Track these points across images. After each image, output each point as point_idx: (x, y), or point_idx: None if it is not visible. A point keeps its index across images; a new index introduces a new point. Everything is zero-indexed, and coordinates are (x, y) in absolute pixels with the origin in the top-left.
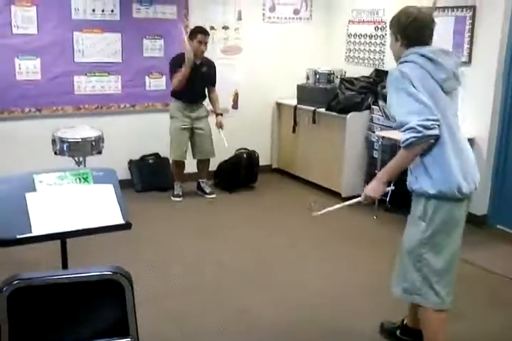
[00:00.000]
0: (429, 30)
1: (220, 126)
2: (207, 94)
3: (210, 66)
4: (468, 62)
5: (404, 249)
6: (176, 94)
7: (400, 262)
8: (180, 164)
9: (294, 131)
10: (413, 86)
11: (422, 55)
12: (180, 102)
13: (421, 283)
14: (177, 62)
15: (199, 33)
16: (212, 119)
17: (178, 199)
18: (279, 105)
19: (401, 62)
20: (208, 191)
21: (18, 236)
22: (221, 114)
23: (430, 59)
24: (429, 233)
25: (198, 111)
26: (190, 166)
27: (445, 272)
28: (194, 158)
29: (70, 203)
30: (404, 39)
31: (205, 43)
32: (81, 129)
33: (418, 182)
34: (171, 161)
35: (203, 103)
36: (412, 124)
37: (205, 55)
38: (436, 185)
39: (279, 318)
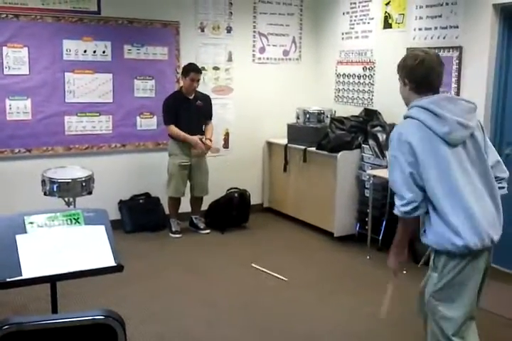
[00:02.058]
0: (436, 73)
1: (205, 148)
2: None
3: (205, 100)
4: None
5: (425, 298)
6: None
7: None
8: (177, 201)
9: (285, 169)
10: (411, 150)
11: (423, 108)
12: (179, 141)
13: (440, 335)
14: (170, 105)
15: (192, 72)
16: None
17: (177, 235)
18: (269, 144)
19: (404, 117)
20: (201, 227)
21: (8, 280)
22: (210, 140)
23: (431, 111)
24: (440, 286)
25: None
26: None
27: (462, 324)
28: (190, 194)
29: (61, 245)
30: (413, 83)
31: (198, 80)
32: (71, 169)
33: (426, 235)
34: (168, 198)
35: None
36: (396, 208)
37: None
38: (441, 240)
39: None
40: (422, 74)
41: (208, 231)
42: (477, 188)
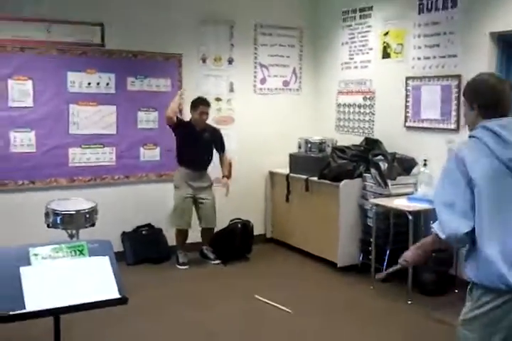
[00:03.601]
0: (507, 98)
1: (225, 186)
2: (211, 161)
3: (214, 132)
4: (457, 129)
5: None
6: (181, 162)
7: None
8: (183, 232)
9: (287, 199)
10: (466, 173)
11: (488, 129)
12: (184, 170)
13: None
14: (181, 122)
15: (201, 105)
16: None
17: (184, 267)
18: (271, 174)
19: (469, 136)
20: (212, 257)
21: (11, 313)
22: (227, 176)
23: (496, 134)
24: (470, 316)
25: (201, 180)
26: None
27: None
28: (199, 226)
29: (65, 277)
30: (482, 108)
31: (206, 113)
32: (75, 201)
33: (466, 265)
34: (175, 230)
35: (207, 172)
36: (439, 232)
37: None
38: (478, 273)
39: None
40: (492, 100)
41: (218, 261)
42: None
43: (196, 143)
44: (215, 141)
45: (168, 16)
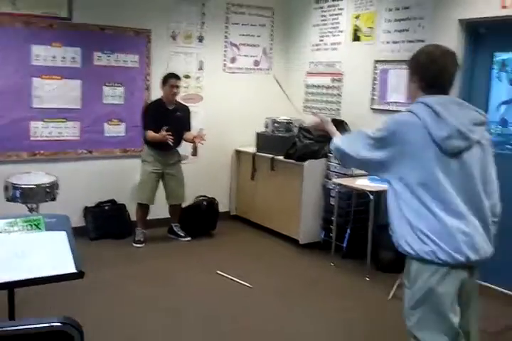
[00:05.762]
0: (449, 74)
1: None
2: (181, 140)
3: (184, 110)
4: None
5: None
6: (150, 143)
7: None
8: (143, 208)
9: (252, 178)
10: (390, 141)
11: (427, 105)
12: (153, 149)
13: None
14: (152, 112)
15: (171, 78)
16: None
17: (139, 245)
18: (238, 152)
19: (407, 110)
20: (182, 234)
21: None
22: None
23: (435, 111)
24: (412, 303)
25: (170, 156)
26: (162, 211)
27: None
28: (167, 202)
29: (20, 251)
30: (422, 81)
31: (177, 87)
32: (35, 175)
33: (394, 237)
34: (136, 204)
35: (177, 149)
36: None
37: None
38: (413, 243)
39: None
40: (433, 74)
41: (188, 238)
42: (459, 205)
43: (169, 124)
44: (185, 118)
45: None
